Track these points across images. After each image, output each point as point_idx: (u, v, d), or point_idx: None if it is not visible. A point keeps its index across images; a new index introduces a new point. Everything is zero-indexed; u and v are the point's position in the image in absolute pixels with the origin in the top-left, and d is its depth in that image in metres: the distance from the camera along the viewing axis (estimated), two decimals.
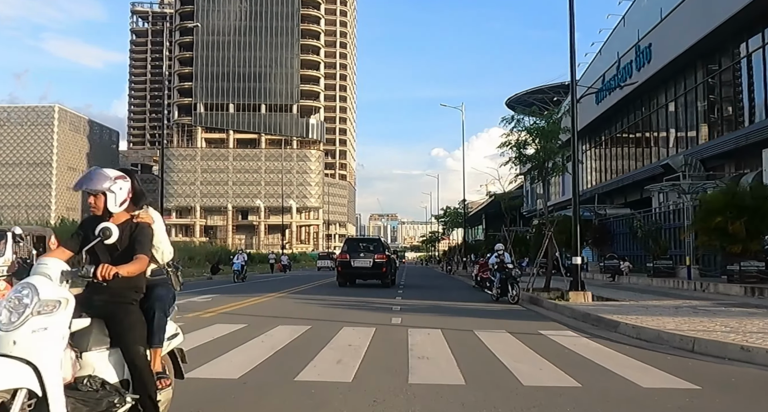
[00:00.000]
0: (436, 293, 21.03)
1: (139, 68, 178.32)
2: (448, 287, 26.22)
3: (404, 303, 15.86)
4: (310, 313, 12.98)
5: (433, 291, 22.48)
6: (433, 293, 21.02)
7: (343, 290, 22.34)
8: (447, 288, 24.91)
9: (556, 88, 53.77)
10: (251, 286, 25.15)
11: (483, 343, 8.71)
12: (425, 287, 26.30)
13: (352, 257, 23.22)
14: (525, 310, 14.53)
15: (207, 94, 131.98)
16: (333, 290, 21.89)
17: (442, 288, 24.95)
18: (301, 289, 22.51)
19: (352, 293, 20.67)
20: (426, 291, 22.46)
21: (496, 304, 15.95)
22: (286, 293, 19.63)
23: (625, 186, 36.48)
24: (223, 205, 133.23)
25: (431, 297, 18.92)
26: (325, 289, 22.84)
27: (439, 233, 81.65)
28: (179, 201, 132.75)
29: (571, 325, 11.26)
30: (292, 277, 36.78)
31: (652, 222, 26.42)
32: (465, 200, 45.57)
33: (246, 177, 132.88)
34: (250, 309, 13.82)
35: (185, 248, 56.67)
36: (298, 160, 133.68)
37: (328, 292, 20.92)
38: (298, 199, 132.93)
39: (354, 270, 23.39)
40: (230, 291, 20.95)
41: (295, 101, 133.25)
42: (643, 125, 35.25)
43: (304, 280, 31.15)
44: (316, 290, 21.63)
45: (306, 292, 20.74)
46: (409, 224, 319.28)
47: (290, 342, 8.51)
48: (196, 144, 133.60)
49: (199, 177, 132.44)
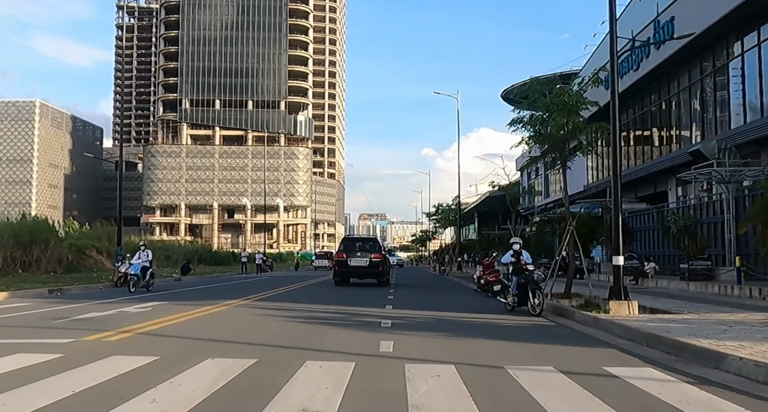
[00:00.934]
0: (435, 300, 17.48)
1: (124, 64, 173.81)
2: (445, 290, 22.66)
3: (397, 315, 12.25)
4: (265, 333, 9.38)
5: (431, 296, 18.93)
6: (431, 300, 17.47)
7: (321, 294, 18.85)
8: (445, 292, 21.36)
9: (559, 78, 50.35)
10: (216, 290, 21.46)
11: (531, 397, 5.12)
12: (419, 289, 22.74)
13: (349, 256, 22.86)
14: (555, 325, 10.97)
15: (193, 89, 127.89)
16: (308, 295, 18.34)
17: (440, 292, 21.39)
18: (271, 293, 18.87)
19: (332, 298, 17.10)
20: (422, 296, 18.91)
21: (513, 316, 12.39)
22: (252, 300, 15.96)
23: (635, 180, 33.03)
24: (209, 203, 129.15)
25: (430, 305, 15.37)
26: (299, 294, 19.27)
27: (430, 231, 78.03)
28: (163, 199, 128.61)
29: (636, 353, 7.71)
30: (270, 278, 33.14)
31: (688, 216, 22.83)
32: (459, 196, 42.18)
33: (232, 175, 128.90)
34: (185, 326, 10.16)
35: (162, 247, 52.80)
36: (285, 158, 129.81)
37: (301, 297, 17.35)
38: (286, 198, 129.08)
39: (351, 269, 22.96)
40: (184, 297, 17.30)
41: (282, 97, 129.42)
42: (660, 113, 31.85)
43: (279, 282, 27.49)
44: (287, 296, 18.00)
45: (276, 298, 17.10)
46: (398, 223, 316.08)
47: (204, 400, 4.88)
48: (181, 141, 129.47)
49: (184, 174, 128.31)
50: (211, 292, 19.95)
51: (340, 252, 23.66)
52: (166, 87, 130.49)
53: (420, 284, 26.86)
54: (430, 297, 18.45)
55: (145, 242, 27.21)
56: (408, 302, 16.20)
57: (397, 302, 15.77)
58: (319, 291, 20.29)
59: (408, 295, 19.15)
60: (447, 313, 12.83)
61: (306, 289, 21.57)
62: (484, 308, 14.21)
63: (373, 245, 23.92)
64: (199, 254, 58.14)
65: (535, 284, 12.54)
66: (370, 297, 17.53)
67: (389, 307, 14.25)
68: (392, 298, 17.40)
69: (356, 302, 15.74)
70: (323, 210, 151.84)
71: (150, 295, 18.00)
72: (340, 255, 23.31)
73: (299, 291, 20.47)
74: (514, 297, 13.01)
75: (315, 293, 19.40)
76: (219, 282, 27.36)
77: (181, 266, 33.40)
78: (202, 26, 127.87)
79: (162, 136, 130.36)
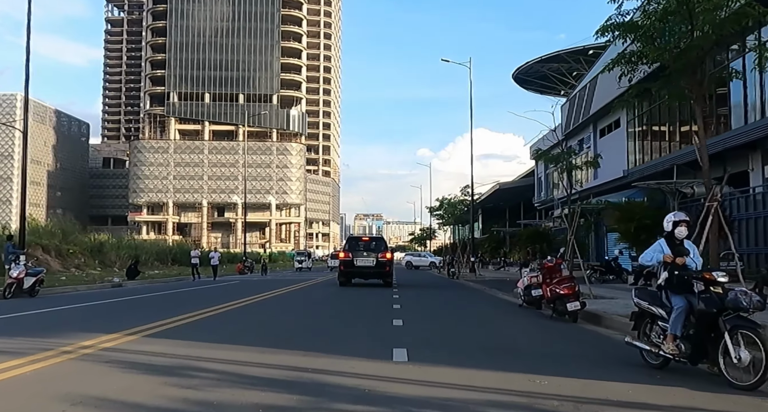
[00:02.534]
0: (478, 331, 10.02)
1: (114, 59, 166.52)
2: (476, 306, 15.49)
3: (427, 396, 5.09)
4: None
5: (463, 321, 11.64)
6: (469, 330, 10.14)
7: (280, 318, 11.71)
8: (480, 311, 14.15)
9: (576, 54, 43.29)
10: (115, 309, 14.28)
11: None
12: (437, 303, 15.61)
13: (355, 256, 21.78)
14: None
15: (181, 82, 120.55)
16: (256, 322, 11.18)
17: (470, 310, 14.21)
18: (201, 316, 11.51)
19: (293, 329, 9.95)
20: (449, 320, 11.68)
21: (707, 394, 5.23)
22: (145, 333, 8.69)
23: (692, 162, 25.87)
24: (198, 201, 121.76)
25: (476, 345, 8.13)
26: (244, 317, 12.05)
27: (431, 230, 70.75)
28: (150, 197, 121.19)
29: None
30: (230, 286, 25.93)
31: None
32: (472, 182, 34.93)
33: (222, 171, 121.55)
34: None
35: (128, 245, 45.58)
36: (278, 154, 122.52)
37: (243, 325, 10.24)
38: (278, 195, 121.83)
39: (357, 269, 21.87)
40: (52, 322, 10.16)
41: (275, 91, 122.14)
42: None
43: (238, 291, 20.30)
44: (220, 323, 10.76)
45: (197, 327, 9.84)
46: (394, 223, 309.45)
47: None
48: (169, 136, 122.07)
49: (172, 171, 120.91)
50: (100, 312, 12.79)
51: (345, 252, 22.27)
52: (153, 80, 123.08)
53: (434, 295, 19.73)
54: (464, 323, 11.16)
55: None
56: (431, 337, 8.97)
57: (413, 338, 8.62)
58: (280, 311, 13.19)
59: (425, 318, 11.99)
60: (530, 377, 5.66)
61: (262, 305, 14.48)
62: (589, 355, 7.10)
63: (379, 244, 22.62)
64: (174, 254, 50.97)
65: (742, 321, 5.38)
66: (362, 325, 10.39)
67: (400, 354, 7.00)
68: (401, 325, 10.24)
69: (335, 338, 8.62)
70: (317, 209, 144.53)
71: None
72: (346, 255, 21.99)
73: (250, 310, 13.33)
74: (680, 341, 5.82)
75: (273, 314, 12.28)
76: (155, 291, 20.14)
77: (126, 269, 26.09)
78: (190, 17, 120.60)
79: (149, 131, 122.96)
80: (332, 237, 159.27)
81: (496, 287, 21.59)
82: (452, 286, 25.40)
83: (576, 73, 45.24)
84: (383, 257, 21.68)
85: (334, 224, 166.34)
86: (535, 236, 33.81)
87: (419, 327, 10.15)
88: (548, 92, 50.47)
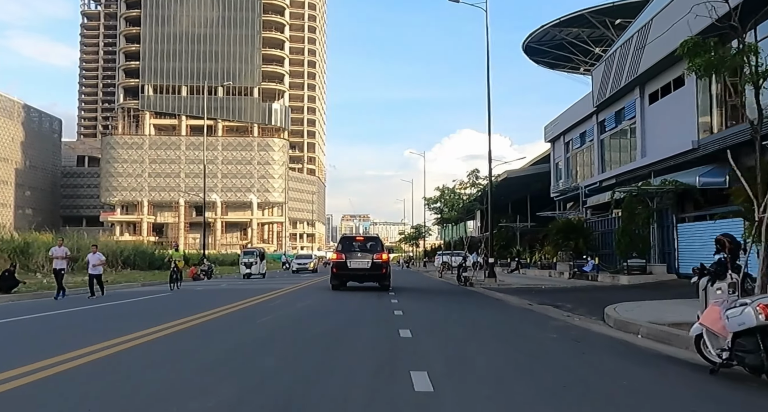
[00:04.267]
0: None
1: (90, 54, 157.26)
2: (551, 353, 7.51)
3: None
4: None
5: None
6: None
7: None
8: (576, 368, 6.18)
9: (603, 13, 35.50)
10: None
11: None
12: (484, 349, 7.59)
13: (349, 257, 19.33)
14: None
15: (156, 75, 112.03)
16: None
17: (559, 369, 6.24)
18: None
19: None
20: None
21: None
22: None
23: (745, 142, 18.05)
24: (175, 199, 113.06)
25: None
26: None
27: (424, 227, 62.65)
28: (124, 195, 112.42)
29: None
30: (136, 303, 17.84)
31: None
32: (491, 153, 26.53)
33: (201, 168, 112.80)
34: None
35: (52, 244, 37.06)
36: (259, 150, 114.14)
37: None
38: (260, 194, 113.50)
39: (350, 271, 19.43)
40: None
41: (256, 83, 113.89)
42: None
43: (127, 317, 12.27)
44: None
45: None
46: (381, 224, 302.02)
47: None
48: (143, 131, 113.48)
49: (147, 168, 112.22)
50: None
51: (338, 253, 20.11)
52: (127, 72, 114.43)
53: (456, 319, 11.79)
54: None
55: None
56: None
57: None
58: (166, 371, 5.17)
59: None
60: None
61: (134, 355, 6.41)
62: None
63: (375, 245, 20.42)
64: (125, 256, 42.58)
65: None
66: None
67: None
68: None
69: None
70: (302, 208, 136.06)
71: None
72: (339, 256, 19.86)
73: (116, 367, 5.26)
74: None
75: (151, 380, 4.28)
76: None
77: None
78: (166, 6, 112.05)
79: (123, 126, 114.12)
80: (318, 238, 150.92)
81: (548, 303, 13.70)
82: (474, 298, 17.39)
83: (602, 33, 37.54)
84: (379, 259, 19.27)
85: (320, 224, 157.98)
86: (569, 231, 25.99)
87: None
88: (564, 66, 42.68)
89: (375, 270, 19.15)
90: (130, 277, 31.03)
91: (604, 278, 22.26)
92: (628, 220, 20.19)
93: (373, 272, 19.28)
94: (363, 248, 19.85)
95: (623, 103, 28.37)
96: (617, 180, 29.22)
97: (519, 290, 19.69)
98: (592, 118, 32.04)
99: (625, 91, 27.61)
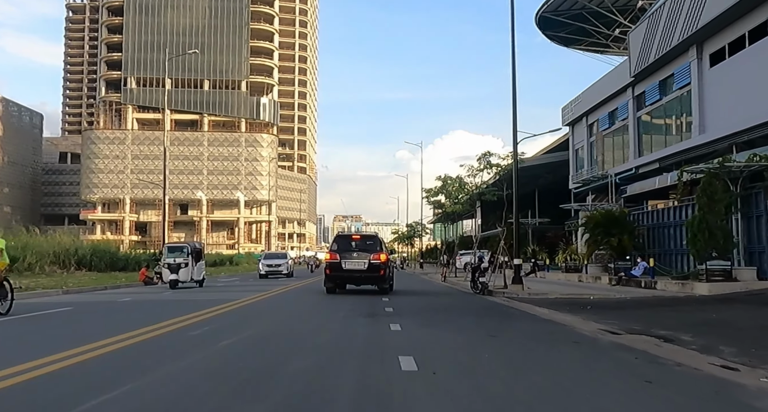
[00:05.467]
0: None
1: (75, 48, 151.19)
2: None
3: None
4: None
5: None
6: None
7: None
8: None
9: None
10: None
11: None
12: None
13: (344, 258, 17.62)
14: None
15: (139, 67, 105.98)
16: None
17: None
18: None
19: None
20: None
21: None
22: None
23: None
24: (158, 197, 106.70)
25: None
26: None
27: (421, 226, 56.75)
28: (105, 192, 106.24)
29: None
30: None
31: None
32: (516, 124, 21.35)
33: (185, 165, 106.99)
34: None
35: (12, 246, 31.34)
36: (247, 146, 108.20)
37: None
38: (247, 191, 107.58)
39: (345, 273, 17.82)
40: None
41: (243, 77, 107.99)
42: None
43: None
44: None
45: None
46: (374, 225, 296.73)
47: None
48: (126, 125, 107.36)
49: (130, 164, 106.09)
50: None
51: (332, 252, 18.09)
52: (109, 64, 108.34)
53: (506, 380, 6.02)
54: None
55: None
56: None
57: None
58: None
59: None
60: None
61: None
62: None
63: (373, 244, 18.26)
64: (80, 255, 36.73)
65: None
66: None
67: None
68: None
69: None
70: (292, 207, 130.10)
71: None
72: (333, 256, 17.90)
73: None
74: None
75: None
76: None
77: None
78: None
79: (104, 120, 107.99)
80: (308, 238, 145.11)
81: (639, 329, 8.14)
82: (513, 321, 11.78)
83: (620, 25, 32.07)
84: (377, 259, 17.52)
85: (311, 224, 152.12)
86: (609, 224, 20.46)
87: None
88: (581, 42, 37.11)
89: (372, 272, 17.56)
90: (67, 281, 25.20)
91: (667, 285, 16.81)
92: (707, 208, 14.76)
93: (370, 273, 17.67)
94: (360, 248, 18.11)
95: (671, 68, 22.93)
96: (661, 164, 23.77)
97: (562, 303, 14.23)
98: (627, 92, 26.58)
99: (676, 52, 22.19)
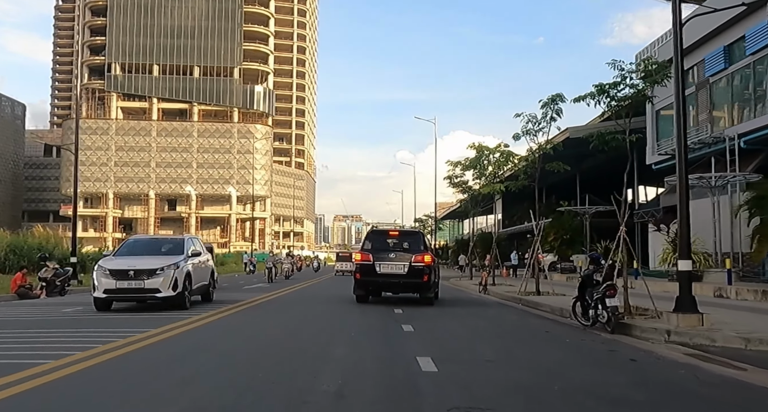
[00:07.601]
0: None
1: (64, 38, 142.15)
2: None
3: None
4: None
5: None
6: None
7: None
8: None
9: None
10: None
11: None
12: None
13: (378, 259, 14.04)
14: None
15: (125, 52, 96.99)
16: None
17: None
18: None
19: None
20: None
21: None
22: None
23: None
24: (144, 192, 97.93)
25: None
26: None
27: (435, 221, 47.49)
28: (87, 186, 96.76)
29: None
30: None
31: None
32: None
33: (173, 157, 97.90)
34: None
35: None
36: (239, 137, 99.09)
37: None
38: (240, 186, 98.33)
39: (380, 278, 14.21)
40: None
41: (236, 63, 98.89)
42: None
43: None
44: None
45: None
46: (374, 225, 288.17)
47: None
48: (109, 115, 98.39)
49: (114, 156, 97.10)
50: None
51: (365, 252, 14.45)
52: (92, 49, 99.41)
53: None
54: None
55: None
56: None
57: None
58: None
59: None
60: None
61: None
62: None
63: (415, 242, 14.66)
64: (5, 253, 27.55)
65: None
66: None
67: None
68: None
69: None
70: (289, 204, 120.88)
71: None
72: (366, 257, 14.29)
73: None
74: None
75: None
76: None
77: None
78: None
79: (86, 109, 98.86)
80: (306, 237, 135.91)
81: None
82: None
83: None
84: (419, 261, 13.66)
85: (309, 222, 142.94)
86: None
87: None
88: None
89: (413, 277, 13.84)
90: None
91: None
92: None
93: (411, 279, 13.94)
94: (398, 248, 14.50)
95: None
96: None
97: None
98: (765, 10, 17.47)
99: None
